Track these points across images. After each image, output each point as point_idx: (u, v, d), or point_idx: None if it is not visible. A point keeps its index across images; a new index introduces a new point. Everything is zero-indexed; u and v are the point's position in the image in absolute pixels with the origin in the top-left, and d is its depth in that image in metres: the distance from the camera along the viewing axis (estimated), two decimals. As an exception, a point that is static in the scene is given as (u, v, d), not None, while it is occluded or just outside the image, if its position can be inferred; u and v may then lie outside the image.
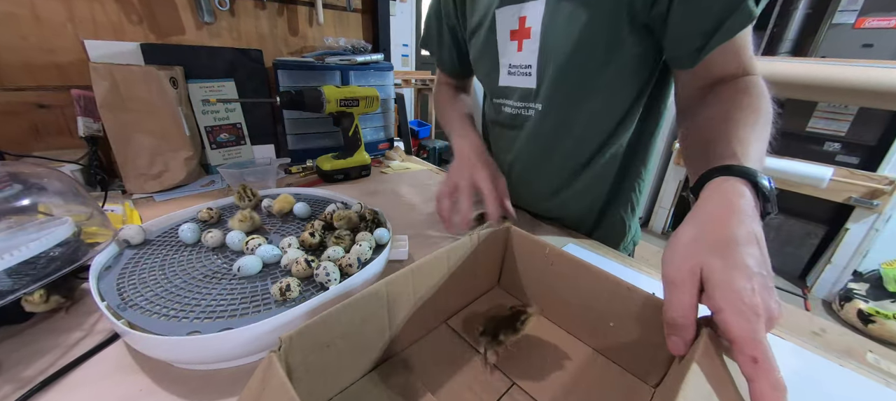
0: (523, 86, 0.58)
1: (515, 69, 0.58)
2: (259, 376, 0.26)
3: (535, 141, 0.61)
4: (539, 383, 0.34)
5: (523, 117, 0.60)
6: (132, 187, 0.71)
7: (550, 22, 0.50)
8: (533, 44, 0.53)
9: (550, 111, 0.56)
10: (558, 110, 0.56)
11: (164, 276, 0.42)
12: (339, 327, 0.30)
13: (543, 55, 0.53)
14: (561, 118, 0.57)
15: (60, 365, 0.34)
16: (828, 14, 1.81)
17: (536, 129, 0.59)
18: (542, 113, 0.57)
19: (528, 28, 0.53)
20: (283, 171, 0.88)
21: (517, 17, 0.54)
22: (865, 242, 1.64)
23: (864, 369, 0.37)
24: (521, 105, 0.60)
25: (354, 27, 1.10)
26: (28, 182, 0.46)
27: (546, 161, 0.62)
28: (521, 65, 0.56)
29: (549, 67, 0.53)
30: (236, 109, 0.86)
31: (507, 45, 0.57)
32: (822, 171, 1.61)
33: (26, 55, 0.69)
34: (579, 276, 0.38)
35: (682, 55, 0.46)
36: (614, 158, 0.59)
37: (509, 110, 0.62)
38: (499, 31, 0.57)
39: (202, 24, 0.84)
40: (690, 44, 0.43)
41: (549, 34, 0.51)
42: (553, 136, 0.59)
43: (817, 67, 1.57)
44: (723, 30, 0.41)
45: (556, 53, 0.51)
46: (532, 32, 0.53)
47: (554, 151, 0.60)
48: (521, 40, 0.55)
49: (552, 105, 0.56)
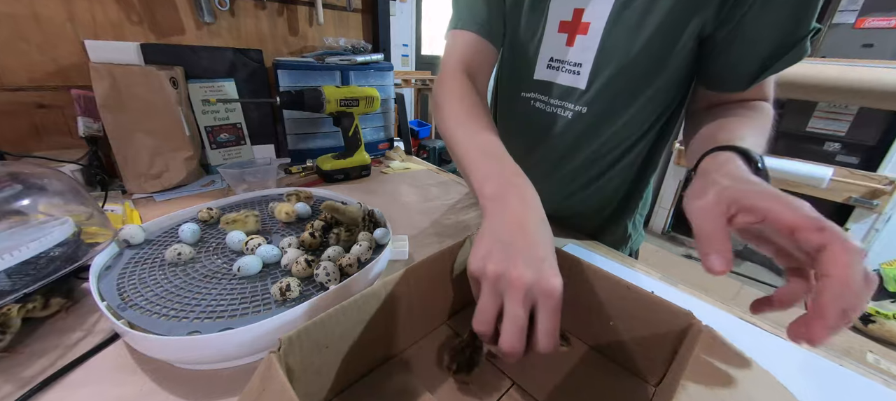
0: (567, 84, 0.52)
1: (559, 64, 0.52)
2: (259, 377, 0.26)
3: (562, 142, 0.57)
4: (539, 382, 0.34)
5: (558, 118, 0.55)
6: (132, 187, 0.71)
7: (616, 22, 0.46)
8: (590, 41, 0.48)
9: (592, 116, 0.53)
10: (600, 116, 0.52)
11: (164, 276, 0.42)
12: (338, 327, 0.30)
13: (602, 56, 0.48)
14: (598, 124, 0.53)
15: (60, 365, 0.34)
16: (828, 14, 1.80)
17: (569, 131, 0.55)
18: (583, 116, 0.53)
19: (586, 23, 0.48)
20: (283, 171, 0.88)
21: (572, 9, 0.49)
22: (865, 243, 1.64)
23: (864, 369, 0.37)
24: (558, 104, 0.54)
25: (354, 27, 1.10)
26: (28, 182, 0.46)
27: (566, 164, 0.59)
28: (569, 61, 0.51)
29: (606, 70, 0.49)
30: (236, 108, 0.86)
31: (554, 36, 0.52)
32: (822, 171, 1.61)
33: (26, 55, 0.68)
34: (579, 275, 0.38)
35: (732, 78, 0.46)
36: (630, 167, 0.59)
37: (541, 106, 0.56)
38: (549, 19, 0.52)
39: (202, 24, 0.84)
40: (746, 68, 0.44)
41: (613, 35, 0.47)
42: (582, 140, 0.56)
43: (817, 67, 1.57)
44: (782, 61, 0.42)
45: (617, 57, 0.47)
46: (591, 29, 0.48)
47: (577, 155, 0.57)
48: (574, 35, 0.50)
49: (597, 110, 0.52)
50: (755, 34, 0.42)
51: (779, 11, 0.40)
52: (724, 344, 0.28)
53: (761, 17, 0.41)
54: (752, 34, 0.42)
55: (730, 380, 0.26)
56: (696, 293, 0.48)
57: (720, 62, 0.45)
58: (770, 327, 0.42)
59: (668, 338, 0.32)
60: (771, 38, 0.41)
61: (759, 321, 0.43)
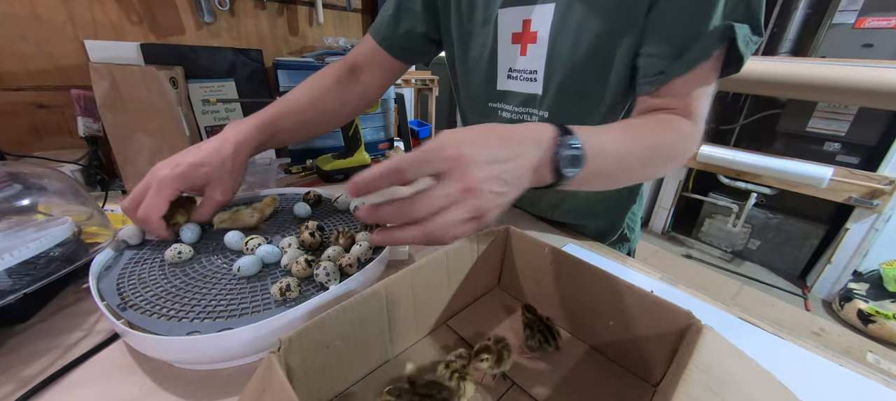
0: (526, 91, 0.56)
1: (517, 73, 0.56)
2: (259, 377, 0.26)
3: None
4: (539, 382, 0.34)
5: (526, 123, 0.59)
6: (132, 187, 0.70)
7: (560, 28, 0.49)
8: (539, 49, 0.52)
9: (555, 119, 0.54)
10: (563, 118, 0.53)
11: (164, 276, 0.42)
12: (338, 327, 0.30)
13: (551, 62, 0.52)
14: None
15: (60, 365, 0.34)
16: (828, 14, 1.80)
17: None
18: (547, 120, 0.55)
19: (534, 32, 0.52)
20: (283, 171, 0.88)
21: (521, 20, 0.53)
22: (865, 242, 1.64)
23: (864, 368, 0.37)
24: (523, 110, 0.58)
25: (354, 27, 1.10)
26: (28, 182, 0.46)
27: None
28: (525, 69, 0.55)
29: (556, 74, 0.52)
30: (236, 109, 0.86)
31: (508, 47, 0.55)
32: (822, 171, 1.61)
33: (26, 55, 0.68)
34: (579, 275, 0.38)
35: (641, 79, 0.46)
36: None
37: (509, 115, 0.60)
38: (500, 33, 0.55)
39: (202, 24, 0.84)
40: (651, 69, 0.44)
41: (558, 40, 0.50)
42: None
43: (817, 67, 1.57)
44: (681, 61, 0.41)
45: (564, 61, 0.50)
46: (539, 37, 0.51)
47: None
48: (526, 44, 0.53)
49: (558, 113, 0.54)
50: (654, 30, 0.42)
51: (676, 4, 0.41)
52: (724, 344, 0.28)
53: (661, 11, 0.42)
54: (653, 30, 0.43)
55: (730, 380, 0.26)
56: (696, 293, 0.48)
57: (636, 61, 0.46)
58: (770, 328, 0.42)
59: (668, 338, 0.32)
60: (669, 35, 0.42)
61: (759, 321, 0.43)
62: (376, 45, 0.63)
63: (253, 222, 0.52)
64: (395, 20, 0.62)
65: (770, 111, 1.99)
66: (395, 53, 0.64)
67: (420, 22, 0.62)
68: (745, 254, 2.10)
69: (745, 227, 2.04)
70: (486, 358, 0.32)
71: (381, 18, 0.63)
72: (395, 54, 0.64)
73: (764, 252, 2.04)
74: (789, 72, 1.62)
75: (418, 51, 0.66)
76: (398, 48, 0.64)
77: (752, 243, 2.07)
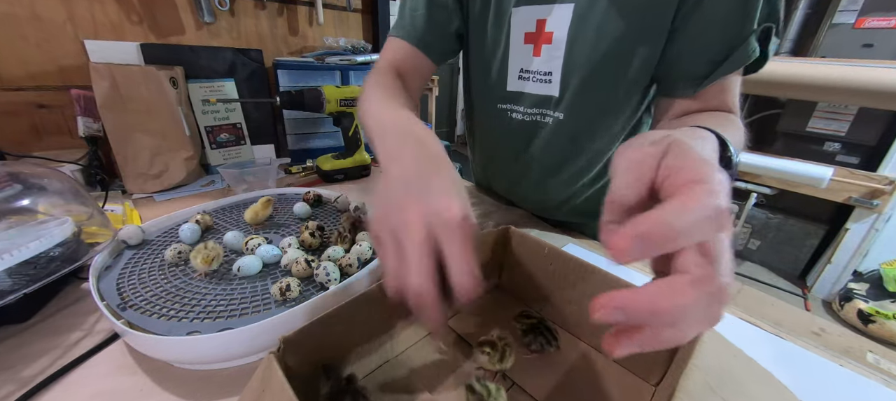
0: (540, 93, 0.55)
1: (530, 74, 0.54)
2: (259, 377, 0.26)
3: (549, 149, 0.58)
4: (538, 382, 0.34)
5: (540, 125, 0.57)
6: (132, 187, 0.71)
7: (579, 29, 0.48)
8: (555, 50, 0.50)
9: (572, 121, 0.54)
10: (580, 121, 0.54)
11: (164, 276, 0.42)
12: (338, 327, 0.30)
13: (569, 63, 0.50)
14: (582, 129, 0.55)
15: (60, 365, 0.34)
16: (828, 14, 1.80)
17: (554, 138, 0.57)
18: (562, 122, 0.54)
19: (550, 33, 0.50)
20: (283, 171, 0.88)
21: (535, 20, 0.51)
22: (865, 242, 1.64)
23: (864, 368, 0.37)
24: (536, 112, 0.57)
25: (354, 27, 1.10)
26: (28, 182, 0.46)
27: (559, 171, 0.60)
28: (539, 71, 0.53)
29: (575, 76, 0.50)
30: (236, 108, 0.86)
31: (520, 48, 0.54)
32: (822, 171, 1.60)
33: (26, 55, 0.68)
34: (579, 276, 0.38)
35: (682, 82, 0.46)
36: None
37: (520, 116, 0.58)
38: (513, 32, 0.54)
39: (202, 24, 0.84)
40: (694, 70, 0.44)
41: (577, 42, 0.48)
42: (571, 146, 0.57)
43: (817, 67, 1.57)
44: (729, 61, 0.41)
45: (584, 62, 0.49)
46: (555, 38, 0.50)
47: (569, 161, 0.58)
48: (540, 45, 0.52)
49: (574, 115, 0.53)
50: (698, 33, 0.42)
51: (719, 7, 0.40)
52: (724, 344, 0.28)
53: (703, 15, 0.41)
54: (696, 33, 0.42)
55: (730, 379, 0.26)
56: (696, 293, 0.48)
57: (671, 64, 0.46)
58: (770, 328, 0.42)
59: (668, 338, 0.32)
60: (715, 37, 0.42)
61: (759, 321, 0.43)
62: (413, 48, 0.58)
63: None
64: (432, 22, 0.57)
65: (770, 111, 1.99)
66: (435, 58, 0.60)
67: (455, 18, 0.59)
68: (744, 254, 2.10)
69: (744, 227, 2.04)
70: (488, 351, 0.32)
71: (412, 20, 0.58)
72: (435, 58, 0.60)
73: (764, 252, 2.04)
74: (789, 72, 1.62)
75: (451, 51, 0.63)
76: (437, 53, 0.60)
77: (752, 243, 2.07)
